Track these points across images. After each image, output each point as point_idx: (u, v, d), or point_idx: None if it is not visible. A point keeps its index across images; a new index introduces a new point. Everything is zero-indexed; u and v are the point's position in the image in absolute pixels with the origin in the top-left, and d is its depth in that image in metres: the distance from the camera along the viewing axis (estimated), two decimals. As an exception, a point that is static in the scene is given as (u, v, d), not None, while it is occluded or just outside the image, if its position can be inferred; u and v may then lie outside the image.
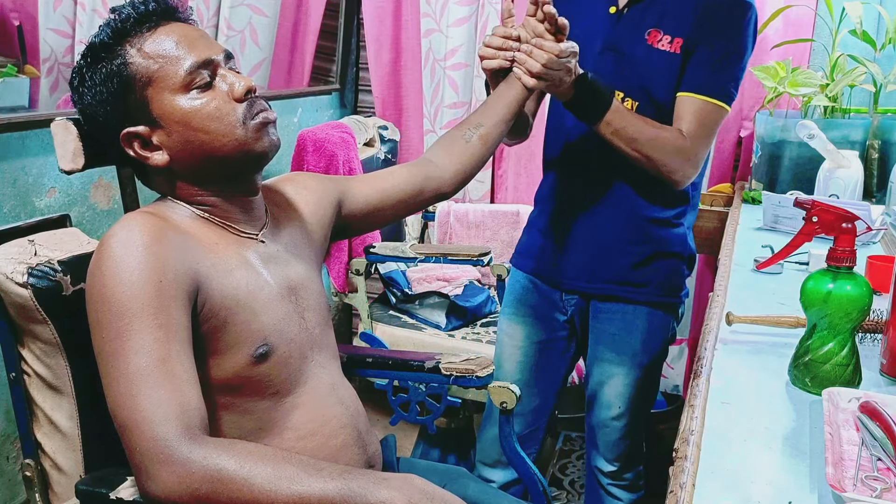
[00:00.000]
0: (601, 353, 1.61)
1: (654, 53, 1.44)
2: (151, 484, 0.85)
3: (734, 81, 1.45)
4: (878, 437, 0.87)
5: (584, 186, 1.55)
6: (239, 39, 2.49)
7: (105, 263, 0.92)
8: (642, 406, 1.64)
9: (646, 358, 1.58)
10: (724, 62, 1.42)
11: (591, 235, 1.54)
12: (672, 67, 1.44)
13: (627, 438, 1.64)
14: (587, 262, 1.56)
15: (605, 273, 1.55)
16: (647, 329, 1.57)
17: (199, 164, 1.03)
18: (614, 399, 1.60)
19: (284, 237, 1.13)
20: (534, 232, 1.65)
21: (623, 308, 1.56)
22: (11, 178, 1.62)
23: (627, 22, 1.47)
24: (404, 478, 0.88)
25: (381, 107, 2.79)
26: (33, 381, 1.09)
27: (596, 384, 1.63)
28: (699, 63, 1.43)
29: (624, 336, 1.57)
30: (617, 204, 1.52)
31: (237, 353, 1.00)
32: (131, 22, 1.01)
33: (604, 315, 1.59)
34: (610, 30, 1.48)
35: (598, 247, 1.54)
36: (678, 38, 1.43)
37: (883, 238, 1.71)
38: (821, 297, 1.00)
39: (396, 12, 2.73)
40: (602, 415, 1.63)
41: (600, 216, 1.53)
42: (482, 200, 2.73)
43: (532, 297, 1.64)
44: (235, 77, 1.03)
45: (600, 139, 1.41)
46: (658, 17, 1.45)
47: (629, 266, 1.54)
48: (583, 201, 1.55)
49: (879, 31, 2.20)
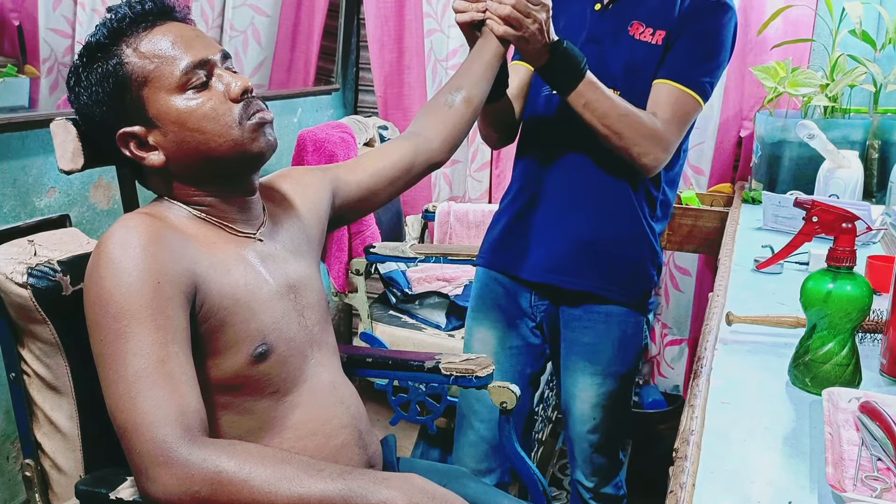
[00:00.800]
0: (573, 363, 1.58)
1: (636, 45, 1.46)
2: (151, 485, 0.85)
3: (710, 78, 1.46)
4: (878, 437, 0.87)
5: (558, 176, 1.52)
6: (241, 39, 2.50)
7: (103, 265, 0.92)
8: (618, 417, 1.61)
9: (621, 367, 1.56)
10: (703, 57, 1.44)
11: (566, 225, 1.51)
12: (654, 58, 1.45)
13: (602, 452, 1.61)
14: (559, 253, 1.52)
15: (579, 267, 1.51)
16: (621, 337, 1.55)
17: (195, 165, 1.02)
18: (588, 411, 1.58)
19: (282, 235, 1.13)
20: (502, 223, 1.60)
21: (596, 315, 1.54)
22: (11, 178, 1.62)
23: (611, 16, 1.49)
24: (405, 477, 0.87)
25: (383, 107, 2.79)
26: (33, 381, 1.09)
27: (568, 396, 1.60)
28: (679, 54, 1.44)
29: (597, 344, 1.55)
30: (596, 193, 1.50)
31: (236, 353, 1.00)
32: (127, 21, 1.00)
33: (576, 323, 1.56)
34: (594, 23, 1.49)
35: (572, 238, 1.51)
36: (661, 31, 1.45)
37: (883, 238, 1.71)
38: (821, 297, 1.00)
39: (399, 12, 2.73)
40: (577, 428, 1.61)
41: (576, 205, 1.51)
42: (482, 200, 2.73)
43: (500, 300, 1.61)
44: (232, 77, 1.03)
45: (574, 127, 1.41)
46: (642, 11, 1.47)
47: (604, 261, 1.51)
48: (557, 192, 1.52)
49: (879, 31, 2.20)
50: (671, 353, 2.65)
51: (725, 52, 1.47)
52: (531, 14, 1.27)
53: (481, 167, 2.72)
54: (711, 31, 1.45)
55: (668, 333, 2.64)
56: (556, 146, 1.52)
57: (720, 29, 1.45)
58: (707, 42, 1.44)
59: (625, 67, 1.46)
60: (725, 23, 1.45)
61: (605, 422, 1.59)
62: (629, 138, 1.39)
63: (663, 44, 1.45)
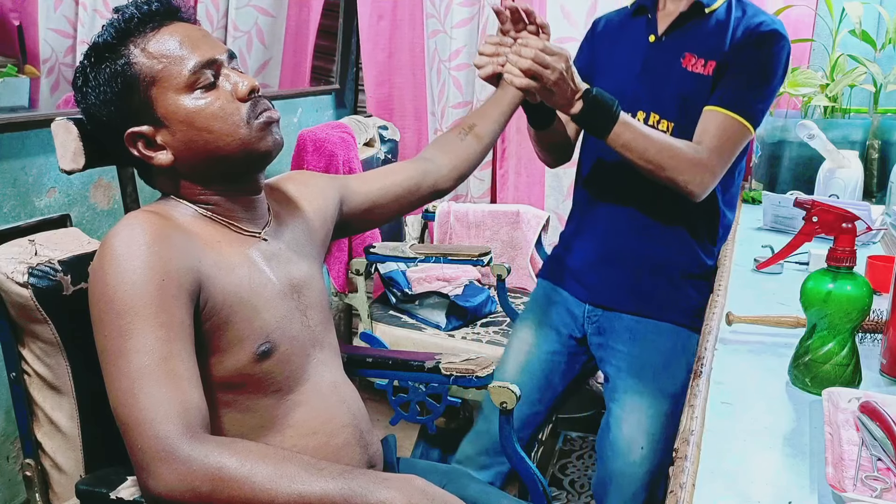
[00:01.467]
0: (620, 379, 1.51)
1: (688, 76, 1.48)
2: (153, 482, 0.85)
3: (761, 105, 1.46)
4: (878, 437, 0.87)
5: (614, 203, 1.56)
6: (245, 40, 2.50)
7: (108, 262, 0.92)
8: (670, 446, 1.35)
9: (672, 385, 1.47)
10: (752, 84, 1.44)
11: (621, 255, 1.56)
12: (705, 89, 1.47)
13: (649, 488, 1.44)
14: (612, 276, 1.56)
15: (632, 291, 1.55)
16: (673, 350, 1.51)
17: (202, 164, 1.03)
18: (637, 437, 1.44)
19: (287, 235, 1.13)
20: (562, 247, 1.67)
21: (646, 326, 1.54)
22: (11, 178, 1.62)
23: (665, 48, 1.52)
24: (405, 478, 0.88)
25: (373, 107, 2.79)
26: (33, 380, 1.09)
27: (614, 423, 1.48)
28: (728, 81, 1.46)
29: (646, 356, 1.51)
30: (653, 221, 1.53)
31: (239, 351, 1.00)
32: (135, 22, 1.01)
33: (626, 334, 1.55)
34: (649, 55, 1.52)
35: (626, 263, 1.55)
36: (711, 62, 1.47)
37: (883, 238, 1.71)
38: (821, 297, 1.00)
39: (393, 12, 2.74)
40: (619, 461, 1.44)
41: (631, 237, 1.55)
42: (482, 200, 2.73)
43: (552, 305, 1.64)
44: (239, 77, 1.04)
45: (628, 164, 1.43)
46: (694, 43, 1.49)
47: (658, 287, 1.54)
48: (613, 220, 1.56)
49: (879, 31, 2.20)
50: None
51: (777, 79, 1.47)
52: (549, 65, 1.29)
53: (484, 167, 2.73)
54: (763, 61, 1.45)
55: (668, 333, 2.64)
56: (612, 174, 1.56)
57: (771, 58, 1.45)
58: (758, 71, 1.45)
59: (677, 99, 1.48)
60: (777, 52, 1.45)
61: (657, 450, 1.44)
62: (672, 168, 1.40)
63: (713, 74, 1.46)
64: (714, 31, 1.49)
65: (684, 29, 1.51)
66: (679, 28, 1.52)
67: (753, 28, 1.46)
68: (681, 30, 1.52)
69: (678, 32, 1.52)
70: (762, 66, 1.45)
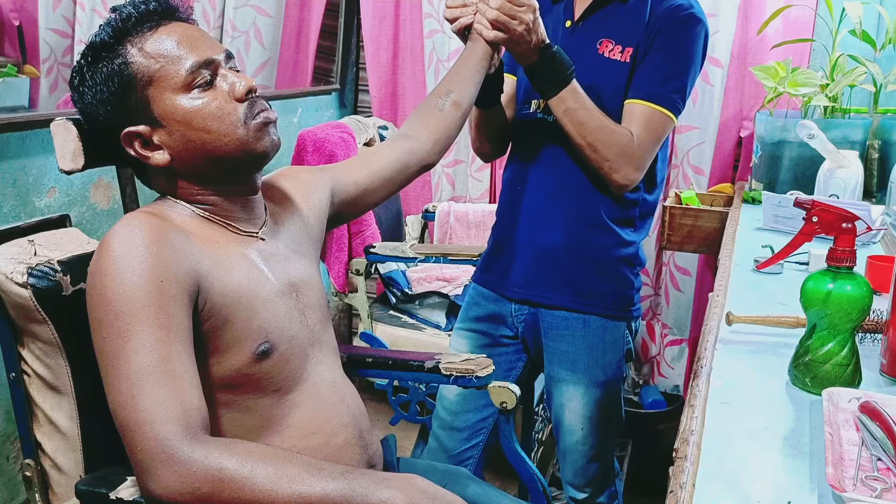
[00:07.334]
0: (557, 372, 1.58)
1: (604, 62, 1.47)
2: (153, 483, 0.85)
3: (681, 93, 1.46)
4: (878, 437, 0.87)
5: (533, 194, 1.55)
6: (243, 40, 2.50)
7: (106, 263, 0.92)
8: (607, 425, 1.60)
9: (602, 375, 1.55)
10: (672, 73, 1.44)
11: (540, 241, 1.54)
12: (621, 75, 1.46)
13: (596, 461, 1.61)
14: (534, 270, 1.54)
15: (554, 283, 1.53)
16: (600, 344, 1.55)
17: (200, 164, 1.03)
18: (576, 421, 1.58)
19: (284, 234, 1.13)
20: (490, 242, 1.66)
21: (573, 323, 1.54)
22: (11, 178, 1.62)
23: (581, 33, 1.51)
24: (405, 478, 0.88)
25: (377, 107, 2.79)
26: (33, 381, 1.09)
27: (558, 407, 1.60)
28: (648, 72, 1.45)
29: (576, 352, 1.55)
30: (568, 209, 1.51)
31: (238, 351, 1.00)
32: (132, 21, 1.01)
33: (555, 332, 1.56)
34: (565, 41, 1.49)
35: (546, 254, 1.53)
36: (629, 48, 1.46)
37: (883, 238, 1.71)
38: (821, 297, 1.00)
39: (395, 12, 2.73)
40: (567, 439, 1.61)
41: (550, 221, 1.53)
42: (482, 200, 2.73)
43: (479, 310, 1.63)
44: (236, 77, 1.04)
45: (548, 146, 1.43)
46: (610, 28, 1.48)
47: (579, 276, 1.52)
48: (532, 210, 1.55)
49: (879, 31, 2.20)
50: (671, 354, 2.65)
51: (696, 65, 1.46)
52: (517, 16, 1.30)
53: (482, 167, 2.73)
54: (682, 46, 1.44)
55: (668, 333, 2.64)
56: (532, 165, 1.54)
57: (689, 43, 1.44)
58: (676, 57, 1.44)
59: (593, 85, 1.45)
60: (695, 37, 1.45)
61: (595, 431, 1.58)
62: (602, 152, 1.41)
63: (631, 61, 1.46)
64: (630, 16, 1.46)
65: (600, 14, 1.49)
66: (595, 13, 1.49)
67: (670, 13, 1.44)
68: (596, 15, 1.49)
69: (594, 17, 1.49)
70: (681, 52, 1.44)
